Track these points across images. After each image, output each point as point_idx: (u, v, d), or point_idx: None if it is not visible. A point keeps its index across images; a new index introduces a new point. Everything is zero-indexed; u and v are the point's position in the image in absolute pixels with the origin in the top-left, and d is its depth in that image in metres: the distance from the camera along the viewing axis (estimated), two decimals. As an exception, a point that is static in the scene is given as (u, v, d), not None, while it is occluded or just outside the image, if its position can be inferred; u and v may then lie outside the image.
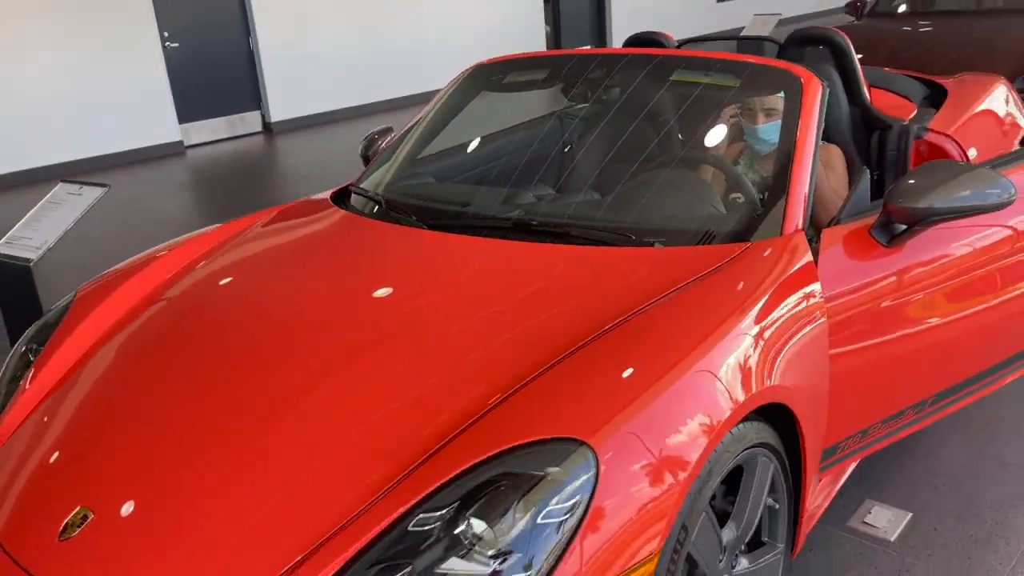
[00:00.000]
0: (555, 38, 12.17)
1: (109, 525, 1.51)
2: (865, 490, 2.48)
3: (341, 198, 2.66)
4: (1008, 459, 2.58)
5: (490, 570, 1.29)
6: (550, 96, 2.76)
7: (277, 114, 9.00)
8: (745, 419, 1.66)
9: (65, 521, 1.54)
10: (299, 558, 1.35)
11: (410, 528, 1.34)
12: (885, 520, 2.35)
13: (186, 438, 1.62)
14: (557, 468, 1.36)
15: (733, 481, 1.73)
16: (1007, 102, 3.30)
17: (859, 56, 5.86)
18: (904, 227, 2.07)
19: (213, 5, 8.42)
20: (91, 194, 2.48)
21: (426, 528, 1.34)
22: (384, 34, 9.71)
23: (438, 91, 2.92)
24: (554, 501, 1.33)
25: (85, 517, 1.53)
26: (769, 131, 2.38)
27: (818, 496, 2.15)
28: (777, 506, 1.85)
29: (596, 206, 2.27)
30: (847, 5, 6.89)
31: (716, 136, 2.43)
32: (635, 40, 3.44)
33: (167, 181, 7.27)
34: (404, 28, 9.90)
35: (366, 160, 3.06)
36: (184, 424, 1.66)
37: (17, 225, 2.56)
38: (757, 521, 1.78)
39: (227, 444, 1.58)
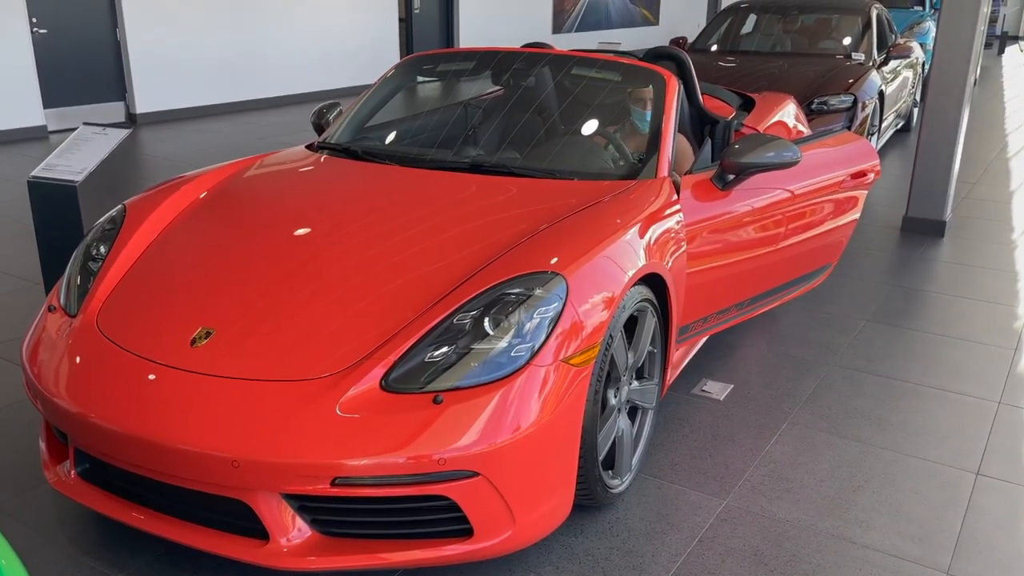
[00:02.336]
0: (407, 51, 12.98)
1: (229, 336, 2.18)
2: (702, 371, 3.47)
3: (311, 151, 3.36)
4: (794, 355, 3.67)
5: (505, 345, 2.09)
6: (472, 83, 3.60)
7: (142, 106, 9.19)
8: (639, 282, 2.56)
9: (193, 336, 2.19)
10: (383, 340, 2.09)
11: (454, 322, 2.13)
12: (715, 389, 3.35)
13: (271, 284, 2.32)
14: (541, 289, 2.19)
15: (632, 329, 2.62)
16: (793, 112, 4.51)
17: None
18: (732, 177, 3.08)
19: (81, -6, 8.55)
20: (117, 134, 3.00)
21: (463, 323, 2.13)
22: (253, 36, 10.12)
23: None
24: (541, 308, 2.16)
25: (209, 333, 2.19)
26: (647, 115, 3.39)
27: (678, 360, 3.10)
28: (655, 352, 2.76)
29: (531, 157, 3.14)
30: (671, 42, 8.22)
31: (601, 114, 3.36)
32: (530, 45, 4.34)
33: (32, 163, 7.37)
34: (273, 32, 10.35)
35: (318, 128, 3.74)
36: (268, 275, 2.36)
37: (50, 156, 3.00)
38: (644, 357, 2.68)
39: (305, 286, 2.29)
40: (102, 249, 2.65)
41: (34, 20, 8.20)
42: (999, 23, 19.67)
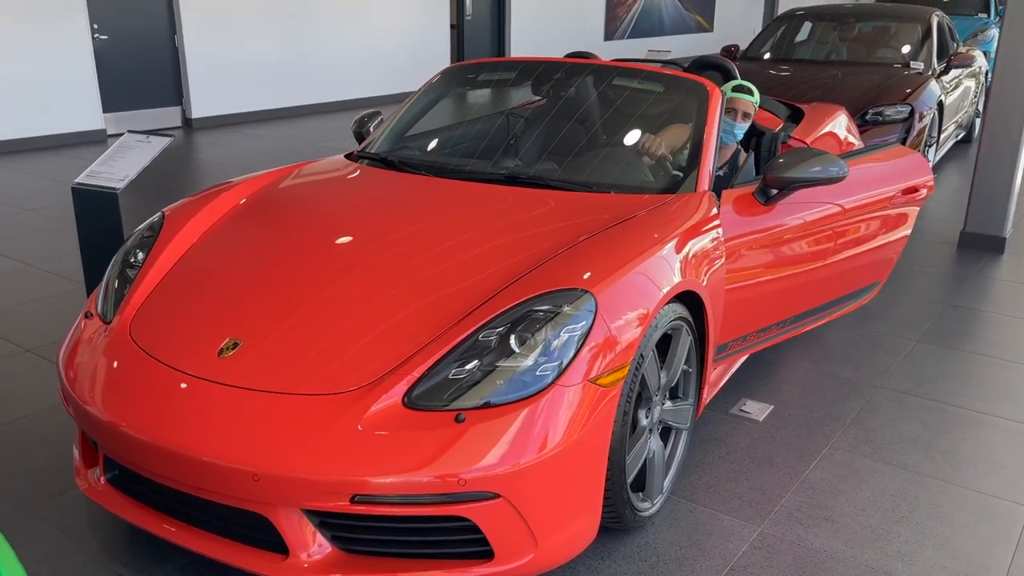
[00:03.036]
0: (458, 58, 13.04)
1: (257, 348, 2.17)
2: (742, 390, 3.38)
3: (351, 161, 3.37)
4: (839, 375, 3.55)
5: (531, 363, 2.05)
6: (513, 93, 3.56)
7: (198, 111, 9.38)
8: (674, 300, 2.49)
9: (220, 346, 2.19)
10: (409, 355, 2.07)
11: (479, 339, 2.09)
12: (755, 409, 3.25)
13: (301, 297, 2.31)
14: (569, 307, 2.14)
15: (666, 348, 2.55)
16: (845, 124, 4.38)
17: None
18: (776, 191, 2.99)
19: (143, 2, 8.76)
20: (159, 143, 3.05)
21: (489, 339, 2.09)
22: (306, 43, 10.27)
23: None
24: (569, 326, 2.11)
25: (236, 344, 2.19)
26: (741, 129, 3.40)
27: (715, 379, 3.02)
28: (690, 371, 2.69)
29: (569, 169, 3.09)
30: (723, 50, 8.09)
31: (655, 124, 3.29)
32: (573, 55, 4.31)
33: (85, 167, 7.58)
34: (326, 39, 10.49)
35: (359, 137, 3.75)
36: (298, 288, 2.35)
37: (94, 163, 3.07)
38: (679, 376, 2.61)
39: (333, 300, 2.28)
40: (140, 256, 2.68)
41: (95, 26, 8.43)
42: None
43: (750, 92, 3.47)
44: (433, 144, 3.50)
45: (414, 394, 2.02)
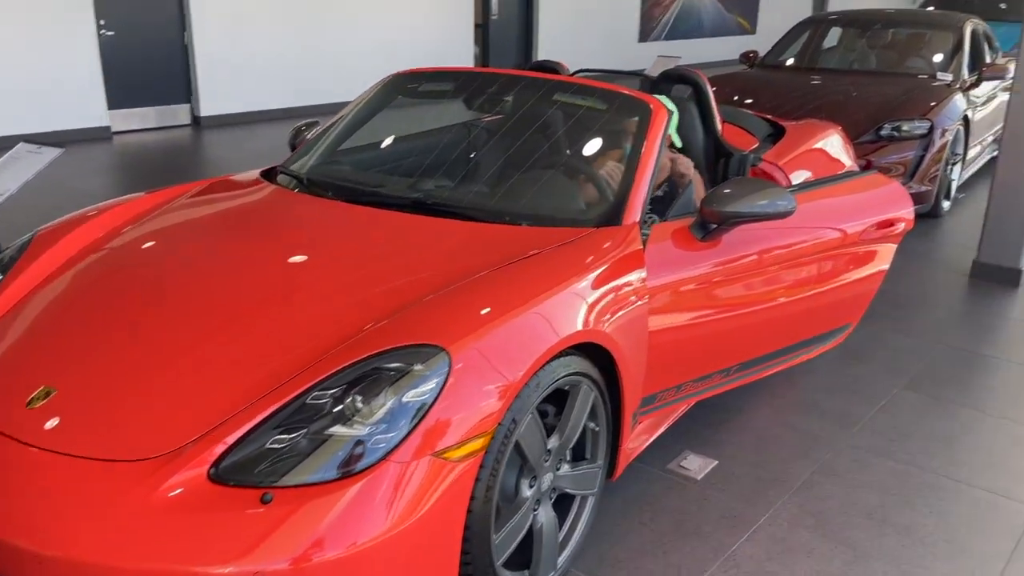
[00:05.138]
0: (483, 59, 12.77)
1: (69, 400, 1.93)
2: (685, 442, 3.05)
3: (268, 176, 3.12)
4: (801, 427, 3.19)
5: (365, 433, 1.77)
6: (454, 106, 3.27)
7: (207, 109, 9.27)
8: (573, 352, 2.18)
9: (32, 395, 1.95)
10: (221, 420, 1.80)
11: (308, 402, 1.82)
12: (696, 465, 2.92)
13: (126, 343, 2.07)
14: (421, 365, 1.85)
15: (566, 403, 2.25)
16: (834, 145, 3.99)
17: (748, 99, 6.61)
18: (715, 226, 2.66)
19: (151, -2, 8.69)
20: (49, 153, 2.86)
21: (319, 402, 1.82)
22: (319, 40, 10.10)
23: None
24: (416, 389, 1.82)
25: (48, 392, 1.95)
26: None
27: (639, 436, 2.70)
28: (597, 429, 2.37)
29: (481, 195, 2.80)
30: (741, 56, 7.68)
31: (586, 145, 2.98)
32: (536, 66, 4.01)
33: (93, 163, 7.49)
34: (339, 36, 10.31)
35: (293, 147, 3.50)
36: (125, 333, 2.10)
37: None
38: (579, 436, 2.30)
39: (160, 347, 2.03)
40: (-1, 279, 2.47)
41: (102, 22, 8.36)
42: None
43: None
44: (353, 162, 3.23)
45: (222, 465, 1.75)
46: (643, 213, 2.63)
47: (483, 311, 2.01)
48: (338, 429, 1.78)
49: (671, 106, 2.97)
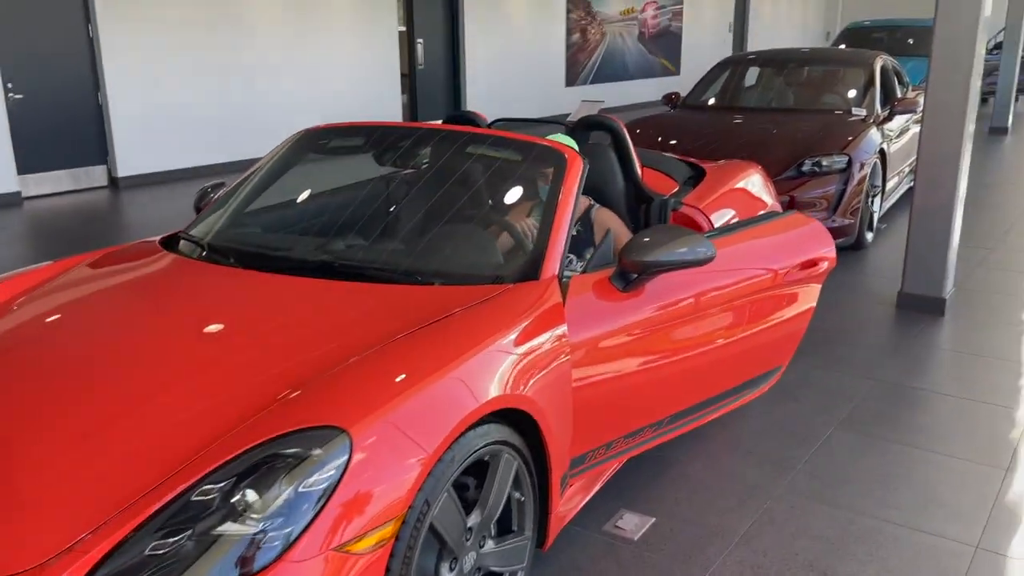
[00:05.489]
0: (411, 109, 12.73)
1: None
2: (620, 500, 2.93)
3: (170, 243, 2.95)
4: (738, 474, 3.11)
5: (259, 530, 1.61)
6: (365, 163, 3.16)
7: (124, 169, 8.99)
8: (490, 420, 2.06)
9: None
10: (93, 528, 1.62)
11: (192, 499, 1.65)
12: (632, 524, 2.80)
13: (14, 425, 1.86)
14: (319, 450, 1.70)
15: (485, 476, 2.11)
16: (755, 184, 3.99)
17: (673, 140, 6.65)
18: (636, 276, 2.57)
19: (62, 58, 8.42)
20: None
21: (207, 499, 1.65)
22: (242, 95, 9.93)
23: None
24: (314, 477, 1.67)
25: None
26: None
27: (571, 499, 2.57)
28: (523, 499, 2.24)
29: (393, 255, 2.67)
30: (664, 97, 7.77)
31: (500, 198, 2.89)
32: (452, 117, 3.93)
33: (1, 231, 7.15)
34: (263, 91, 10.16)
35: (198, 211, 3.34)
36: (15, 413, 1.90)
37: None
38: (502, 509, 2.16)
39: (40, 436, 1.84)
40: None
41: (9, 85, 8.06)
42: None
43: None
44: (260, 225, 3.08)
45: (95, 579, 1.57)
46: (562, 265, 2.54)
47: (392, 382, 1.87)
48: (229, 527, 1.61)
49: (570, 143, 2.97)
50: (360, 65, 11.45)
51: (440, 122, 3.70)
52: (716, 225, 3.50)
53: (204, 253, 2.74)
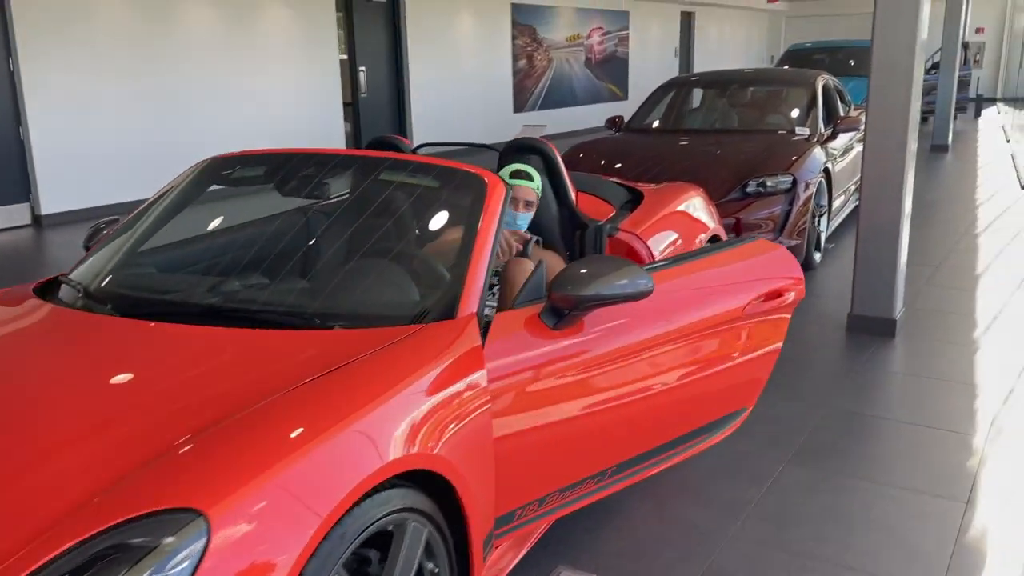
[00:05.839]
0: (355, 137, 12.48)
1: None
2: (557, 556, 2.67)
3: (49, 287, 2.65)
4: (687, 519, 2.88)
5: (96, 638, 1.32)
6: (271, 195, 2.89)
7: (48, 207, 8.58)
8: (394, 484, 1.80)
9: None
10: None
11: (15, 606, 1.36)
12: (571, 582, 2.54)
13: None
14: (172, 538, 1.42)
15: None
16: (696, 207, 3.81)
17: (618, 164, 6.46)
18: (567, 311, 2.33)
19: (-21, 92, 8.03)
20: None
21: (32, 604, 1.36)
22: (178, 128, 9.60)
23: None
24: (164, 571, 1.39)
25: None
26: (525, 219, 3.03)
27: (499, 560, 2.31)
28: (438, 570, 1.98)
29: (292, 294, 2.40)
30: (607, 121, 7.63)
31: (415, 229, 2.64)
32: (375, 142, 3.69)
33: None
34: (201, 122, 9.83)
35: (87, 248, 3.04)
36: None
37: None
38: (414, 583, 1.89)
39: None
40: None
41: (-79, 122, 7.65)
42: (973, 85, 19.39)
43: (529, 177, 3.04)
44: (153, 266, 2.79)
45: None
46: (481, 302, 2.29)
47: (269, 446, 1.60)
48: (58, 637, 1.33)
49: (535, 175, 2.90)
50: (300, 94, 11.18)
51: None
52: (655, 251, 3.30)
53: (82, 301, 2.44)
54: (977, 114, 18.61)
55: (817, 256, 6.23)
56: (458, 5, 13.95)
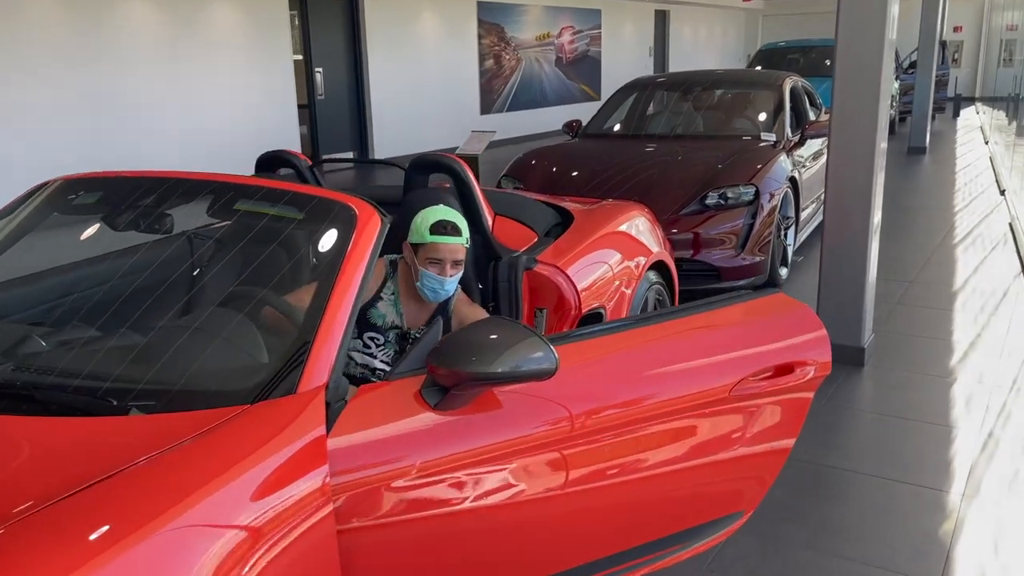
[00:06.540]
0: (311, 142, 11.97)
1: None
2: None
3: None
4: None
5: None
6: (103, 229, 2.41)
7: (-28, 217, 8.01)
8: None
9: None
10: None
11: None
12: None
13: None
14: None
15: None
16: (637, 228, 3.36)
17: (574, 172, 5.97)
18: (450, 389, 1.84)
19: None
20: None
21: None
22: (116, 135, 9.06)
23: None
24: None
25: None
26: (453, 283, 2.45)
27: None
28: None
29: (96, 360, 1.92)
30: (564, 126, 7.16)
31: (260, 274, 2.17)
32: (265, 158, 3.24)
33: None
34: (143, 128, 9.30)
35: None
36: None
37: None
38: None
39: None
40: None
41: None
42: (952, 85, 19.12)
43: (457, 231, 2.39)
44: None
45: None
46: (335, 371, 1.81)
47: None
48: None
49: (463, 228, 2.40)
50: (250, 97, 10.67)
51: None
52: (580, 284, 2.84)
53: None
54: (956, 114, 18.33)
55: (783, 272, 5.81)
56: (421, 2, 13.47)
